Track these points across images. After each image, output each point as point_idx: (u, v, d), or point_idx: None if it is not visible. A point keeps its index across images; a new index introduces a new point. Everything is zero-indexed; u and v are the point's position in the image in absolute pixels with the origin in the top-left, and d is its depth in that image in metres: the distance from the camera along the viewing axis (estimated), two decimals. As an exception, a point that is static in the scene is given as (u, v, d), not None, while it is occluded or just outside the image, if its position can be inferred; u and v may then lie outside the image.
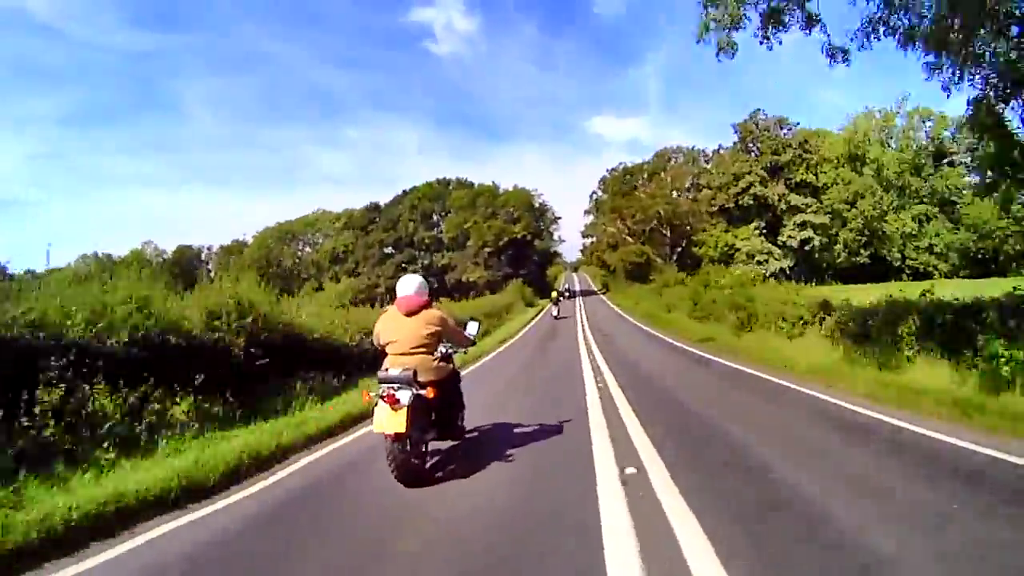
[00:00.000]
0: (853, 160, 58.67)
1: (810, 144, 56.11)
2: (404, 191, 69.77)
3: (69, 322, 5.55)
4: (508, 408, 7.34)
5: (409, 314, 4.54)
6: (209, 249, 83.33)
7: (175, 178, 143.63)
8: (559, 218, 65.70)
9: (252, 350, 7.36)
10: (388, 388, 4.11)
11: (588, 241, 69.79)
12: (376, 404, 4.13)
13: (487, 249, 56.08)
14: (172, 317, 6.74)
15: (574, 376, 10.22)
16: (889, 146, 59.40)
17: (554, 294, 32.53)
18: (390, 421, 4.00)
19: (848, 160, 58.07)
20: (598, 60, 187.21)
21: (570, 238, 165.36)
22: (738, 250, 49.56)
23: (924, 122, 60.62)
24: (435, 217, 65.15)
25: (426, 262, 61.77)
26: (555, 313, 28.29)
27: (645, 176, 57.26)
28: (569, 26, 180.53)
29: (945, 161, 57.08)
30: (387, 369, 4.35)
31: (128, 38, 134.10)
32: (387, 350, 4.54)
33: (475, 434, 5.77)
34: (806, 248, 50.87)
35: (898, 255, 52.43)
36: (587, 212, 67.22)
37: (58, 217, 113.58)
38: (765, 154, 52.52)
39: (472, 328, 5.37)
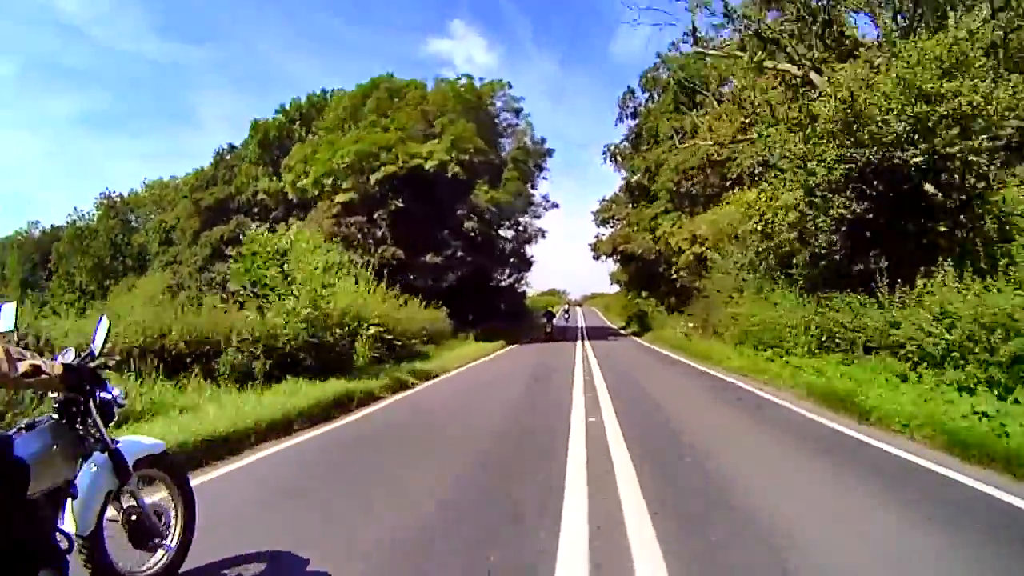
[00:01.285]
0: None
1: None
2: (276, 109, 37.91)
3: None
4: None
5: None
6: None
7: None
8: (550, 151, 32.32)
9: None
10: None
11: (606, 233, 37.54)
12: None
13: (345, 194, 22.31)
14: None
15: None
16: None
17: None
18: None
19: None
20: (610, 100, 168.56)
21: (564, 274, 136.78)
22: None
23: None
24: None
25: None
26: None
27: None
28: (584, 66, 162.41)
29: None
30: None
31: (146, 48, 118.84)
32: None
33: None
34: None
35: None
36: (607, 155, 35.41)
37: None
38: None
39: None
